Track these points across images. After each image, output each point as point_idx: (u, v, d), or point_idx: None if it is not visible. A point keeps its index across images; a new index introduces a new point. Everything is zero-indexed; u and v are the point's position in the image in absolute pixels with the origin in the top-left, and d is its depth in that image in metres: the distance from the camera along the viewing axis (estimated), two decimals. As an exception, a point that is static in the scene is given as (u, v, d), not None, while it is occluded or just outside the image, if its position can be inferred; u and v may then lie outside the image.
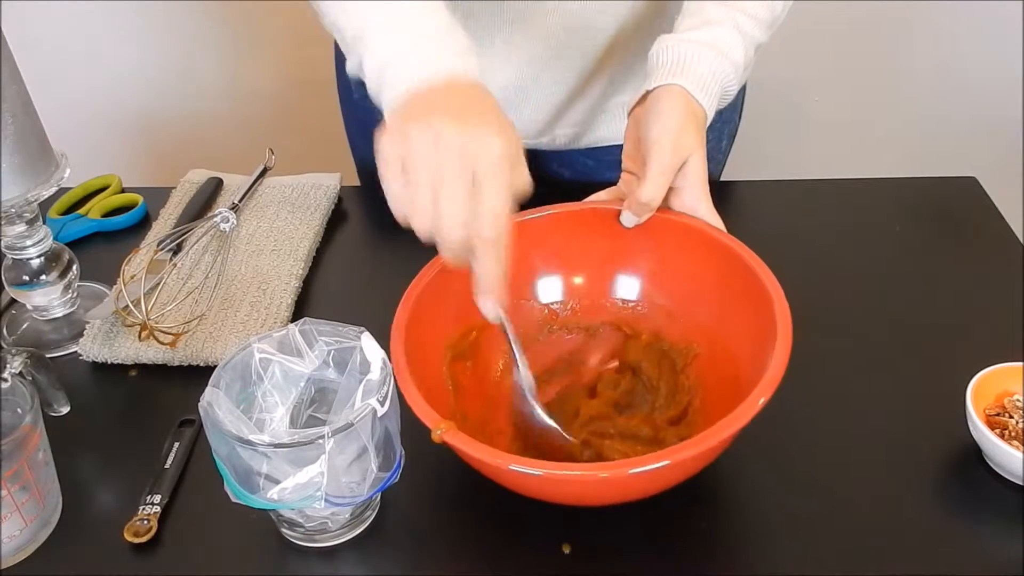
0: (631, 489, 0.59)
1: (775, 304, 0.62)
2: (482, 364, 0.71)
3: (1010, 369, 0.68)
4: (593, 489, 0.58)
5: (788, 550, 0.62)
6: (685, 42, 0.71)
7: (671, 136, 0.68)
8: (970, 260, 0.87)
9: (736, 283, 0.67)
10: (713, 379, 0.69)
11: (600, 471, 0.55)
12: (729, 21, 0.73)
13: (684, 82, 0.70)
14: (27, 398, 0.61)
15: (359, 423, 0.55)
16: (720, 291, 0.69)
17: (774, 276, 0.65)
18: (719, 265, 0.69)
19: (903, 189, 0.97)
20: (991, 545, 0.62)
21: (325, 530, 0.62)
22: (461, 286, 0.67)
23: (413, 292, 0.66)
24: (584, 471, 0.55)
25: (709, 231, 0.69)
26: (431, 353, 0.66)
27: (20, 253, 0.77)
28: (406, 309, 0.64)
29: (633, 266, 0.74)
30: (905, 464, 0.67)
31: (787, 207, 0.95)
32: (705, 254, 0.70)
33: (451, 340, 0.69)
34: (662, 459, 0.54)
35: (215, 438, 0.56)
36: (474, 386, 0.69)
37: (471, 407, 0.67)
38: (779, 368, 0.58)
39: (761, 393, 0.56)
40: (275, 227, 0.90)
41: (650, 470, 0.54)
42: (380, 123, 0.59)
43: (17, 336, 0.81)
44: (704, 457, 0.58)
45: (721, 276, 0.69)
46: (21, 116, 0.71)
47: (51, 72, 1.34)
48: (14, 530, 0.61)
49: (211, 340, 0.77)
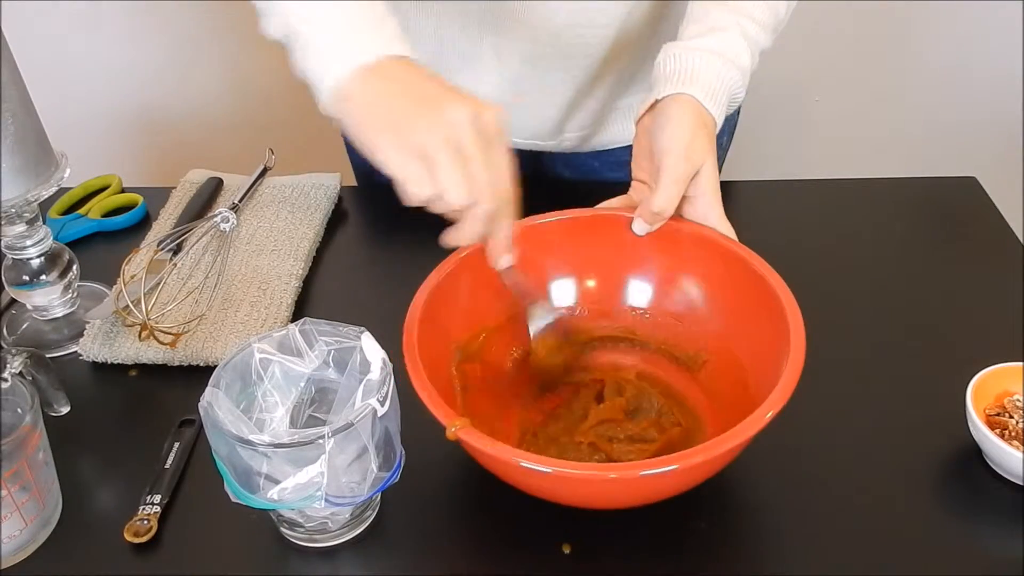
0: (637, 493, 0.60)
1: (788, 316, 0.62)
2: (491, 366, 0.71)
3: (1010, 369, 0.68)
4: (600, 489, 0.58)
5: (788, 550, 0.62)
6: (692, 50, 0.72)
7: (682, 146, 0.68)
8: (970, 260, 0.87)
9: (749, 293, 0.67)
10: (723, 386, 0.69)
11: (609, 472, 0.55)
12: (735, 27, 0.73)
13: (693, 91, 0.70)
14: (27, 398, 0.61)
15: (359, 423, 0.55)
16: (732, 300, 0.70)
17: (788, 289, 0.65)
18: (731, 275, 0.69)
19: (903, 189, 0.97)
20: (991, 545, 0.62)
21: (325, 530, 0.62)
22: (470, 288, 0.67)
23: (424, 292, 0.66)
24: (594, 471, 0.56)
25: (722, 241, 0.70)
26: (440, 354, 0.66)
27: (20, 253, 0.77)
28: (417, 308, 0.64)
29: (644, 273, 0.74)
30: (905, 464, 0.67)
31: (787, 207, 0.95)
32: (718, 264, 0.70)
33: (461, 342, 0.69)
34: (671, 463, 0.54)
35: (215, 438, 0.56)
36: (482, 387, 0.69)
37: (478, 408, 0.67)
38: (791, 381, 0.58)
39: (770, 406, 0.56)
40: (275, 227, 0.90)
41: (658, 474, 0.54)
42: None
43: (17, 336, 0.81)
44: (712, 464, 0.58)
45: (733, 286, 0.69)
46: (21, 116, 0.71)
47: (51, 72, 1.34)
48: (14, 530, 0.61)
49: (211, 340, 0.77)
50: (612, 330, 0.75)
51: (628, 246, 0.73)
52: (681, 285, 0.73)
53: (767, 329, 0.64)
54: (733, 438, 0.55)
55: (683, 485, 0.60)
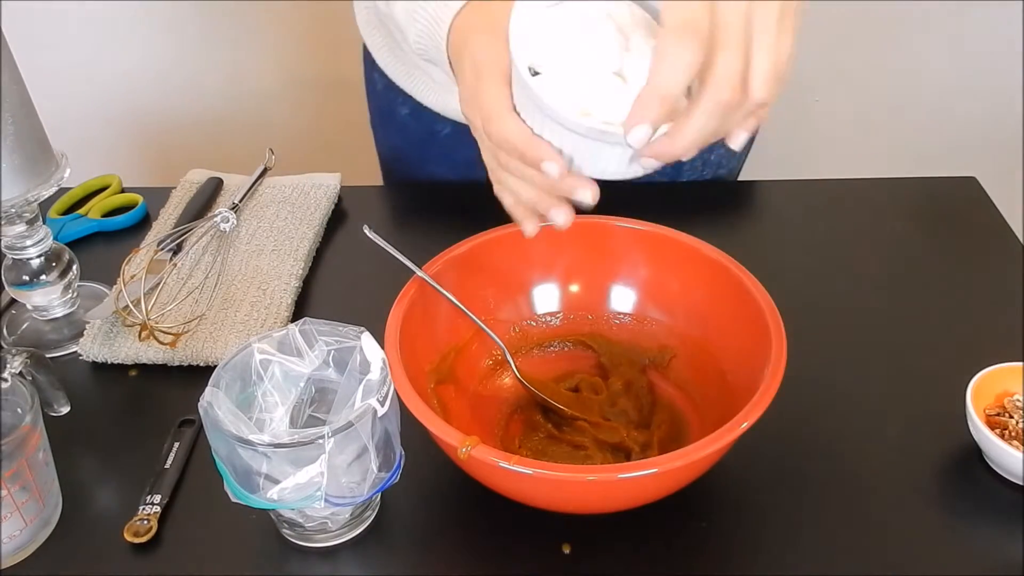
0: (616, 496, 0.60)
1: (771, 328, 0.63)
2: (462, 386, 0.71)
3: (1010, 369, 0.68)
4: (582, 493, 0.58)
5: (788, 550, 0.62)
6: None
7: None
8: (970, 260, 0.87)
9: (731, 302, 0.68)
10: (707, 392, 0.69)
11: (587, 474, 0.56)
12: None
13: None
14: (27, 398, 0.61)
15: (359, 423, 0.55)
16: (713, 308, 0.70)
17: (771, 299, 0.65)
18: (712, 282, 0.69)
19: (903, 189, 0.97)
20: (991, 545, 0.62)
21: (325, 530, 0.62)
22: (436, 311, 0.67)
23: (395, 321, 0.65)
24: (573, 473, 0.56)
25: (703, 249, 0.70)
26: (417, 379, 0.64)
27: (20, 253, 0.77)
28: (394, 337, 0.63)
29: (627, 279, 0.75)
30: (905, 464, 0.67)
31: (787, 207, 0.95)
32: (699, 271, 0.70)
33: (432, 365, 0.69)
34: (649, 467, 0.55)
35: (215, 438, 0.56)
36: (460, 407, 0.69)
37: (460, 427, 0.67)
38: (769, 391, 0.58)
39: (745, 417, 0.56)
40: (275, 227, 0.90)
41: (635, 477, 0.55)
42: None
43: (17, 336, 0.81)
44: (688, 471, 0.58)
45: (714, 293, 0.70)
46: (21, 116, 0.71)
47: (51, 72, 1.34)
48: (14, 530, 0.61)
49: (211, 340, 0.77)
50: (592, 336, 0.75)
51: (610, 253, 0.74)
52: (664, 291, 0.73)
53: (751, 339, 0.64)
54: (711, 443, 0.55)
55: (665, 488, 0.60)
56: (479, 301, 0.71)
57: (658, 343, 0.73)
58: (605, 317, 0.75)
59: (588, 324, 0.75)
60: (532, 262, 0.74)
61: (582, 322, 0.75)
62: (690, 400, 0.70)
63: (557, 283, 0.75)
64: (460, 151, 0.94)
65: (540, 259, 0.74)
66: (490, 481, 0.60)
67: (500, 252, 0.72)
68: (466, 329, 0.71)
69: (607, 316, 0.75)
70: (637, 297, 0.74)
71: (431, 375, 0.68)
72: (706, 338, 0.70)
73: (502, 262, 0.73)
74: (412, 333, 0.65)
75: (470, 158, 0.96)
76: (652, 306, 0.74)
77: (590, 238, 0.73)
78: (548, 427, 0.69)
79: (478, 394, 0.72)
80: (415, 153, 1.02)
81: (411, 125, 0.98)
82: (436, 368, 0.69)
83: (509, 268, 0.74)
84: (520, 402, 0.71)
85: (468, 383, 0.71)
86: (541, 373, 0.73)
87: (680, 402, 0.71)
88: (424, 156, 1.01)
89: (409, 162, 1.04)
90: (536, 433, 0.69)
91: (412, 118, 0.97)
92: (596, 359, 0.74)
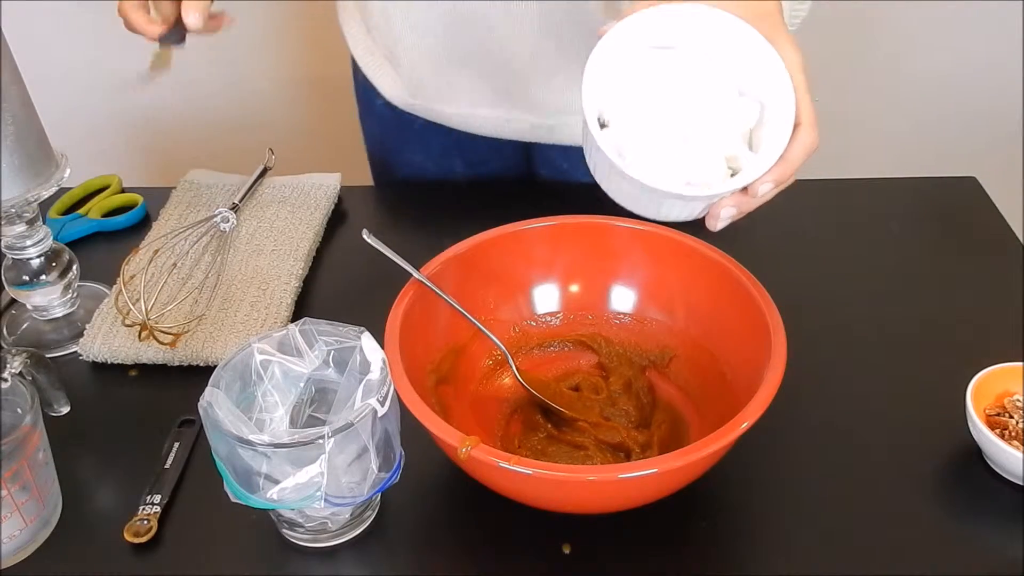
0: (616, 496, 0.60)
1: (771, 328, 0.63)
2: (462, 386, 0.71)
3: (1010, 369, 0.68)
4: (582, 493, 0.58)
5: (788, 550, 0.62)
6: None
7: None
8: (970, 260, 0.87)
9: (731, 302, 0.68)
10: (707, 392, 0.69)
11: (587, 474, 0.56)
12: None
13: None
14: (27, 398, 0.61)
15: (359, 423, 0.55)
16: (713, 308, 0.70)
17: (771, 299, 0.65)
18: (712, 282, 0.69)
19: (903, 189, 0.97)
20: (991, 545, 0.62)
21: (325, 530, 0.62)
22: (436, 311, 0.67)
23: (395, 322, 0.64)
24: (575, 473, 0.56)
25: (703, 249, 0.70)
26: (417, 379, 0.64)
27: (20, 253, 0.77)
28: (394, 337, 0.63)
29: (627, 280, 0.74)
30: (905, 464, 0.67)
31: (787, 207, 0.95)
32: (699, 271, 0.70)
33: (432, 365, 0.69)
34: (649, 467, 0.55)
35: (215, 438, 0.56)
36: (460, 407, 0.69)
37: (460, 427, 0.67)
38: (769, 391, 0.58)
39: (745, 417, 0.56)
40: (275, 227, 0.90)
41: (635, 477, 0.55)
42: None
43: (17, 336, 0.81)
44: (688, 470, 0.58)
45: (714, 293, 0.69)
46: (21, 116, 0.71)
47: (51, 72, 1.34)
48: (14, 530, 0.61)
49: (211, 340, 0.77)
50: (593, 336, 0.75)
51: (610, 253, 0.74)
52: (664, 292, 0.73)
53: (748, 337, 0.64)
54: (711, 443, 0.55)
55: (664, 488, 0.60)
56: (479, 301, 0.71)
57: (658, 343, 0.73)
58: (605, 317, 0.75)
59: (588, 324, 0.75)
60: (532, 262, 0.74)
61: (582, 322, 0.75)
62: (690, 400, 0.70)
63: (557, 283, 0.75)
64: (434, 140, 0.99)
65: (540, 259, 0.74)
66: (490, 481, 0.60)
67: (500, 252, 0.72)
68: (466, 329, 0.71)
69: (607, 316, 0.75)
70: (637, 297, 0.74)
71: (431, 375, 0.68)
72: (706, 338, 0.70)
73: (502, 262, 0.73)
74: (412, 333, 0.65)
75: (446, 145, 0.98)
76: (652, 306, 0.74)
77: (590, 238, 0.73)
78: (548, 427, 0.69)
79: (478, 394, 0.72)
80: (394, 143, 1.05)
81: (387, 115, 1.00)
82: (436, 368, 0.69)
83: (509, 268, 0.74)
84: (520, 402, 0.71)
85: (468, 383, 0.71)
86: (541, 373, 0.73)
87: (680, 402, 0.71)
88: (402, 146, 1.04)
89: (390, 151, 1.06)
90: (536, 433, 0.69)
91: (387, 108, 0.99)
92: (596, 359, 0.74)
